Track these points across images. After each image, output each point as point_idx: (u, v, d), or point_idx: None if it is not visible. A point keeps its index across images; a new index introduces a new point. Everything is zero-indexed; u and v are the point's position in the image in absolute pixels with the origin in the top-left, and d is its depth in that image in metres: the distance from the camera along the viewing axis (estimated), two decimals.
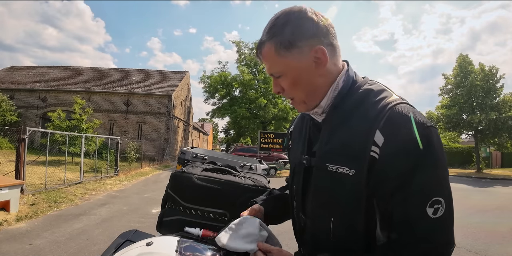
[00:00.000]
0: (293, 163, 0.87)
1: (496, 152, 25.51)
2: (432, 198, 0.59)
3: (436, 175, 0.61)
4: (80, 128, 13.74)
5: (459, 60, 19.79)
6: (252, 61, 26.72)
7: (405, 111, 0.64)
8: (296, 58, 0.69)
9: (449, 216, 0.61)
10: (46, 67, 25.83)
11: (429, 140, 0.60)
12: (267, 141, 15.98)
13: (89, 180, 9.00)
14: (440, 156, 0.61)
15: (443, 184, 0.61)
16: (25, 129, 6.21)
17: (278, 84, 0.74)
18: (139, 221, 4.94)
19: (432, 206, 0.59)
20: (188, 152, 1.41)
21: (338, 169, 0.67)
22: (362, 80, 0.76)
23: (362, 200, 0.65)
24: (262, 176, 1.29)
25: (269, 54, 0.71)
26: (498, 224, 5.45)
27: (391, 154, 0.61)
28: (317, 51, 0.69)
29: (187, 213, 1.03)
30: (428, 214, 0.59)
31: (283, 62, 0.70)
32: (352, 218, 0.67)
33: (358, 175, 0.64)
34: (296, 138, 0.89)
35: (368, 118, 0.66)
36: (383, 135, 0.62)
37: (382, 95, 0.70)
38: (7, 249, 3.46)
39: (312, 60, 0.70)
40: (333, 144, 0.70)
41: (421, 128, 0.60)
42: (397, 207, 0.61)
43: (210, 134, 59.29)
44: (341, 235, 0.69)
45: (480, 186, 12.61)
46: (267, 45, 0.70)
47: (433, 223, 0.59)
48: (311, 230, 0.77)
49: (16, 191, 4.97)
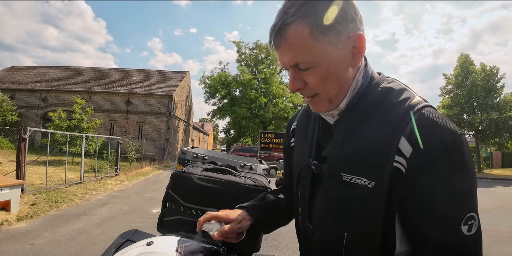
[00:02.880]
0: (297, 166, 0.77)
1: (497, 152, 25.50)
2: (466, 215, 0.54)
3: (469, 189, 0.56)
4: (80, 128, 13.76)
5: (461, 60, 19.79)
6: (253, 61, 26.73)
7: (433, 116, 0.57)
8: (333, 45, 0.57)
9: (480, 232, 0.57)
10: (47, 67, 25.86)
11: (462, 151, 0.55)
12: (268, 141, 16.00)
13: (89, 180, 9.01)
14: (472, 169, 0.57)
15: (474, 198, 0.57)
16: (26, 129, 6.22)
17: (301, 78, 0.61)
18: (139, 221, 4.95)
19: (466, 223, 0.54)
20: (189, 152, 1.41)
21: (355, 180, 0.59)
22: (379, 77, 0.67)
23: (382, 215, 0.58)
24: (263, 176, 1.28)
25: (299, 39, 0.56)
26: (498, 224, 5.44)
27: (421, 168, 0.55)
28: (357, 38, 0.59)
29: (188, 213, 1.03)
30: (463, 232, 0.54)
31: (318, 49, 0.57)
32: (369, 234, 0.60)
33: (379, 188, 0.57)
34: (301, 138, 0.79)
35: (390, 122, 0.59)
36: (411, 145, 0.55)
37: (404, 95, 0.62)
38: (7, 249, 3.46)
39: (349, 49, 0.59)
40: (349, 151, 0.62)
41: (453, 138, 0.55)
42: (429, 226, 0.55)
43: (211, 134, 59.30)
44: (355, 251, 0.63)
45: (481, 186, 12.59)
46: (296, 26, 0.56)
47: (469, 241, 0.55)
48: (320, 243, 0.69)
49: (17, 191, 4.98)
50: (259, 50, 26.93)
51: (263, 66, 25.75)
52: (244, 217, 0.80)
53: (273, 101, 25.37)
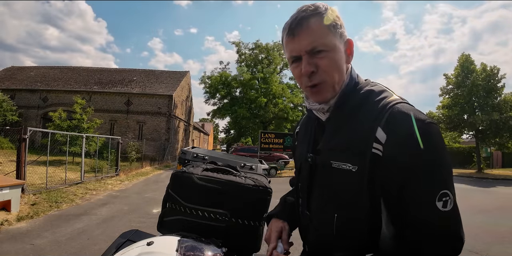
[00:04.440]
0: (298, 162, 0.89)
1: (497, 152, 25.48)
2: (440, 191, 0.60)
3: (440, 168, 0.62)
4: (81, 128, 13.76)
5: (461, 60, 19.76)
6: (252, 61, 26.72)
7: (405, 109, 0.66)
8: (339, 41, 0.72)
9: (457, 208, 0.62)
10: (47, 67, 25.87)
11: (430, 135, 0.62)
12: (268, 141, 15.98)
13: (89, 180, 9.01)
14: (441, 151, 0.63)
15: (447, 177, 0.62)
16: (26, 129, 6.22)
17: (313, 63, 0.71)
18: (139, 221, 4.95)
19: (441, 200, 0.59)
20: (189, 152, 1.41)
21: (341, 166, 0.69)
22: (364, 82, 0.78)
23: (366, 196, 0.66)
24: (263, 176, 1.28)
25: (319, 27, 0.70)
26: (499, 224, 5.45)
27: (394, 151, 0.62)
28: (350, 43, 0.75)
29: (188, 213, 1.03)
30: (438, 207, 0.59)
31: (332, 39, 0.71)
32: (356, 214, 0.68)
33: (361, 171, 0.66)
34: (302, 138, 0.91)
35: (370, 116, 0.68)
36: (385, 133, 0.64)
37: (382, 95, 0.72)
38: (8, 248, 3.47)
39: (345, 49, 0.74)
40: (337, 142, 0.72)
41: (421, 124, 0.62)
42: (406, 204, 0.61)
43: (211, 134, 59.31)
44: (345, 231, 0.70)
45: (481, 186, 12.59)
46: (317, 18, 0.70)
47: (445, 216, 0.59)
48: (315, 226, 0.78)
49: (17, 191, 4.98)
50: (259, 50, 26.93)
51: (262, 66, 25.72)
52: (282, 224, 0.90)
53: (273, 101, 25.35)
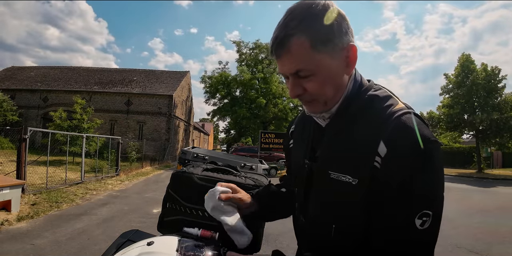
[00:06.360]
0: (294, 165, 0.86)
1: (497, 152, 25.48)
2: (423, 210, 0.59)
3: (431, 189, 0.60)
4: (81, 128, 13.78)
5: (462, 59, 19.77)
6: (253, 61, 26.73)
7: (410, 123, 0.62)
8: (330, 55, 0.64)
9: (433, 232, 0.60)
10: (47, 67, 25.90)
11: (431, 155, 0.60)
12: (268, 141, 15.98)
13: (90, 180, 9.02)
14: (438, 172, 0.61)
15: (436, 200, 0.61)
16: (26, 129, 6.23)
17: (300, 85, 0.67)
18: (140, 221, 4.95)
19: (421, 218, 0.58)
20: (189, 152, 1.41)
21: (340, 177, 0.66)
22: (368, 84, 0.73)
23: (364, 208, 0.64)
24: (263, 176, 1.29)
25: (300, 49, 0.62)
26: (499, 224, 5.44)
27: (391, 166, 0.60)
28: (350, 49, 0.66)
29: (188, 213, 1.03)
30: (415, 224, 0.58)
31: (317, 59, 0.63)
32: (354, 227, 0.66)
33: (361, 184, 0.63)
34: (298, 140, 0.87)
35: (373, 126, 0.65)
36: (386, 147, 0.61)
37: (388, 102, 0.68)
38: (8, 248, 3.47)
39: (344, 58, 0.66)
40: (336, 151, 0.69)
41: (425, 142, 0.59)
42: (386, 215, 0.61)
43: (211, 134, 59.32)
44: (341, 242, 0.68)
45: (481, 186, 12.59)
46: (298, 38, 0.62)
47: (418, 234, 0.59)
48: (311, 233, 0.76)
49: (17, 191, 4.98)
50: (259, 50, 26.94)
51: (263, 66, 25.73)
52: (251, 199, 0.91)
53: (273, 101, 25.37)
